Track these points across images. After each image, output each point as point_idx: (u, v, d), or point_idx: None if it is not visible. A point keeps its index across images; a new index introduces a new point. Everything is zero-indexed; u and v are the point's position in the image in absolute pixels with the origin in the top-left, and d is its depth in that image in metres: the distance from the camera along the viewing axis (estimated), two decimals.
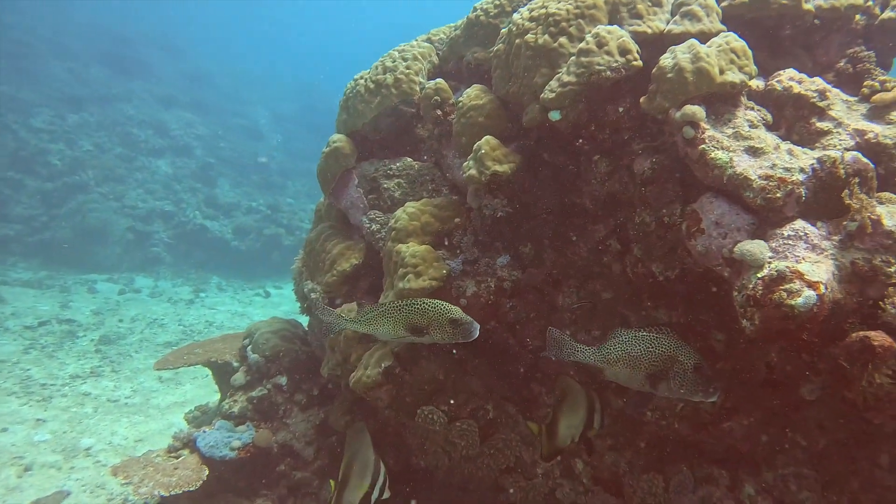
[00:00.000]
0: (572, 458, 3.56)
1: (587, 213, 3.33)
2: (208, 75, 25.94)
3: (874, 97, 2.68)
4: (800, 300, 2.12)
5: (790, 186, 2.36)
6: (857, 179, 2.34)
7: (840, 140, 2.58)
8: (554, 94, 2.86)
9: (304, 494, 4.40)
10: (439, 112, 3.65)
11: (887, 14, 3.03)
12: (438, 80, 3.71)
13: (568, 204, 3.36)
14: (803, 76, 2.76)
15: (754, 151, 2.50)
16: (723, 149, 2.51)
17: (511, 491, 3.65)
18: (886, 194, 2.46)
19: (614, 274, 3.31)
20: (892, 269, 2.26)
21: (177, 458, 4.48)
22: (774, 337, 2.26)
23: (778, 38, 2.98)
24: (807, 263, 2.21)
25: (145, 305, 11.83)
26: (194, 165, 17.96)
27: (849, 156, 2.37)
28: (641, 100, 2.79)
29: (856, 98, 2.79)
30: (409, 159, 3.96)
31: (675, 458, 3.18)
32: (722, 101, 2.66)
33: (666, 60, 2.65)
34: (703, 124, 2.55)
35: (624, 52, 2.78)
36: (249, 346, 4.85)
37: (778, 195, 2.36)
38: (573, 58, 2.86)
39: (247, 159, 20.50)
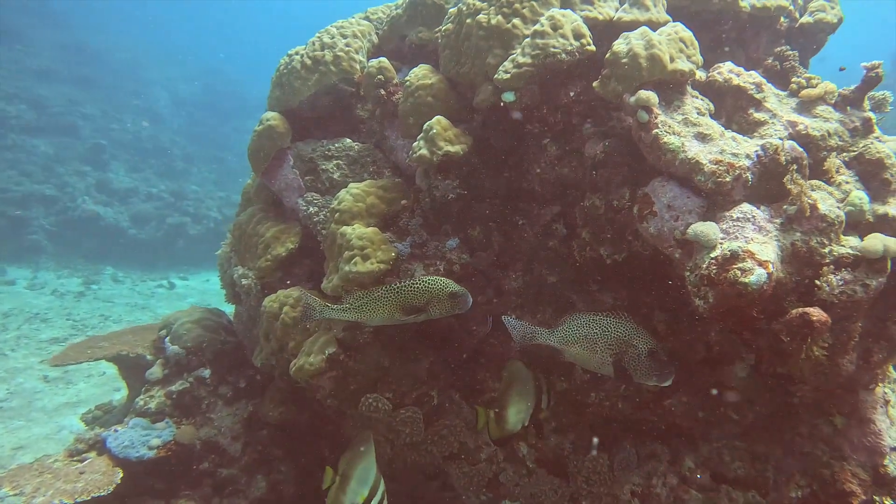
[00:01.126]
0: (516, 441, 3.58)
1: (534, 197, 3.35)
2: (98, 51, 23.91)
3: (802, 93, 2.87)
4: (752, 278, 2.23)
5: (738, 171, 2.48)
6: (794, 166, 2.49)
7: (775, 130, 2.75)
8: (509, 75, 2.84)
9: (230, 493, 4.16)
10: (382, 92, 3.54)
11: (806, 19, 3.26)
12: (381, 58, 3.60)
13: (515, 187, 3.36)
14: (741, 69, 2.92)
15: (703, 137, 2.60)
16: (674, 134, 2.59)
17: (455, 476, 3.64)
18: (815, 181, 2.65)
19: (560, 257, 3.35)
20: (827, 250, 2.44)
21: (81, 461, 4.10)
22: (726, 314, 2.37)
23: (716, 32, 3.12)
24: (756, 244, 2.33)
25: (22, 299, 10.76)
26: (81, 147, 16.53)
27: (787, 144, 2.52)
28: (594, 84, 2.83)
29: (785, 92, 2.98)
30: (349, 140, 3.82)
31: (619, 437, 3.28)
32: (671, 88, 2.75)
33: (620, 46, 2.70)
34: (655, 109, 2.62)
35: (578, 36, 2.81)
36: (168, 338, 4.51)
37: (727, 179, 2.47)
38: (528, 39, 2.86)
39: (146, 142, 19.15)
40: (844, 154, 2.73)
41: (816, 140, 2.71)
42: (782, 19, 3.23)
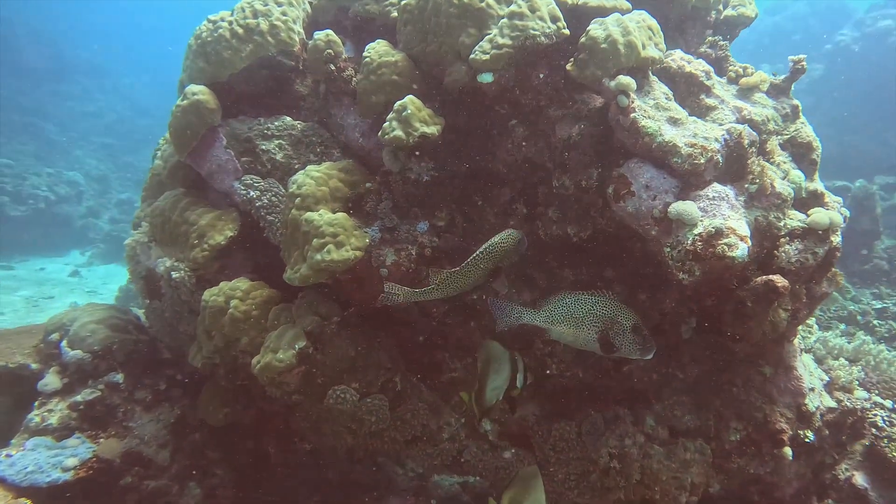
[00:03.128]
0: (476, 420, 3.65)
1: (495, 177, 3.37)
2: None
3: (741, 81, 3.18)
4: (738, 252, 2.46)
5: (710, 153, 2.70)
6: (754, 149, 2.77)
7: (724, 115, 3.02)
8: (488, 56, 2.81)
9: None
10: (332, 67, 3.32)
11: (729, 11, 3.59)
12: (328, 31, 3.37)
13: (476, 168, 3.35)
14: (690, 57, 3.15)
15: (674, 122, 2.79)
16: (650, 118, 2.75)
17: (417, 459, 3.63)
18: (763, 162, 2.97)
19: None
20: (782, 224, 2.76)
21: None
22: (710, 284, 2.59)
23: (661, 20, 3.32)
24: (733, 220, 2.58)
25: None
26: None
27: (746, 128, 2.80)
28: (569, 67, 2.90)
29: (724, 79, 3.28)
30: (289, 118, 3.55)
31: (581, 405, 3.47)
32: (639, 74, 2.90)
33: (597, 31, 2.78)
34: (632, 94, 2.76)
35: (554, 18, 2.85)
36: (64, 342, 3.94)
37: (701, 161, 2.69)
38: (504, 20, 2.84)
39: None
40: (778, 137, 3.08)
41: (758, 124, 3.02)
42: (713, 11, 3.53)
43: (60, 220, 13.66)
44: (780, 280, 2.62)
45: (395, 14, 3.37)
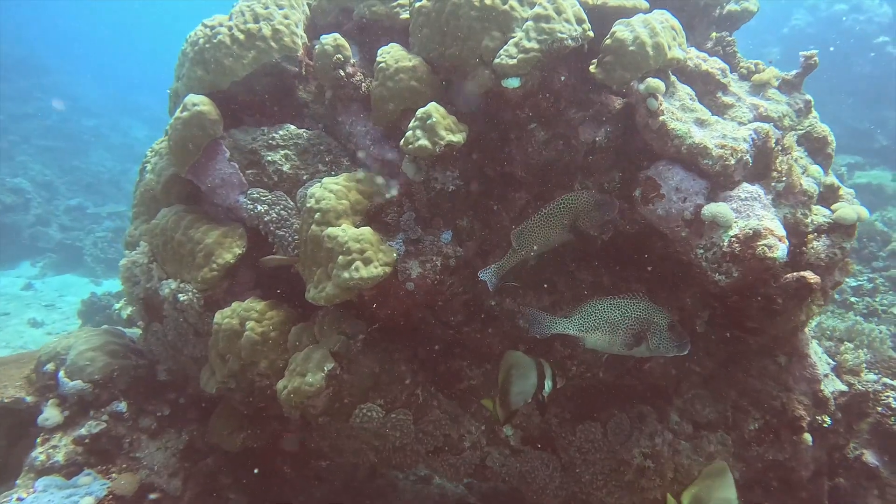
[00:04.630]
0: (499, 426, 3.62)
1: (511, 182, 3.32)
2: None
3: (754, 77, 3.21)
4: (779, 252, 2.49)
5: (740, 154, 2.71)
6: (779, 147, 2.80)
7: (742, 113, 3.05)
8: (515, 61, 2.74)
9: None
10: (342, 73, 3.19)
11: (733, 7, 3.62)
12: (335, 34, 3.23)
13: (493, 173, 3.29)
14: (705, 55, 3.16)
15: (701, 123, 2.80)
16: (678, 120, 2.74)
17: (440, 469, 3.58)
18: (789, 159, 3.01)
19: None
20: (809, 220, 2.81)
21: None
22: (749, 286, 2.62)
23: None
24: (768, 220, 2.60)
25: None
26: None
27: (771, 127, 2.82)
28: (594, 70, 2.86)
29: (735, 76, 3.30)
30: (293, 126, 3.40)
31: (605, 406, 3.48)
32: (662, 75, 2.89)
33: (624, 33, 2.75)
34: (660, 97, 2.74)
35: (580, 21, 2.80)
36: (62, 372, 3.71)
37: (732, 162, 2.70)
38: (530, 23, 2.77)
39: None
40: (793, 133, 3.13)
41: (776, 121, 3.06)
42: (718, 7, 3.54)
43: (8, 230, 12.93)
44: (812, 277, 2.67)
45: (404, 16, 3.26)
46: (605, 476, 3.38)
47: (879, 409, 3.75)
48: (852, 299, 6.39)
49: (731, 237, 2.59)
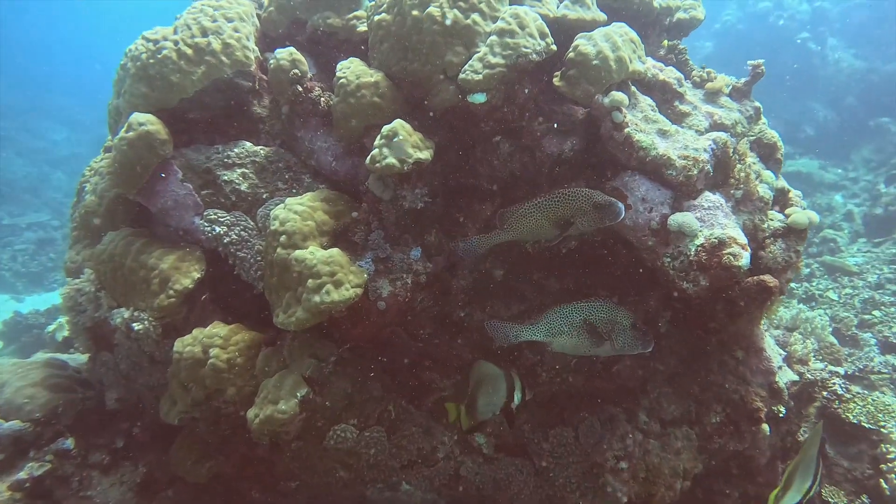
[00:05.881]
0: (472, 435, 3.62)
1: (475, 194, 3.31)
2: None
3: (707, 85, 3.31)
4: (743, 260, 2.59)
5: (701, 164, 2.79)
6: (736, 155, 2.90)
7: (698, 121, 3.14)
8: (481, 77, 2.72)
9: None
10: (300, 88, 3.09)
11: (681, 14, 3.71)
12: (290, 48, 3.11)
13: (457, 186, 3.27)
14: (661, 65, 3.23)
15: (664, 134, 2.86)
16: (642, 132, 2.80)
17: (415, 481, 3.57)
18: (746, 168, 3.12)
19: (503, 251, 3.40)
20: (766, 225, 2.92)
21: None
22: (716, 293, 2.71)
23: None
24: (731, 229, 2.69)
25: None
26: None
27: (728, 137, 2.92)
28: (557, 83, 2.87)
29: (690, 84, 3.39)
30: (249, 144, 3.27)
31: (576, 409, 3.54)
32: (624, 87, 2.93)
33: (587, 47, 2.77)
34: (625, 109, 2.79)
35: (543, 35, 2.81)
36: None
37: (694, 172, 2.78)
38: (494, 38, 2.75)
39: None
40: (745, 139, 3.25)
41: (729, 128, 3.17)
42: (669, 17, 3.63)
43: None
44: (771, 280, 2.79)
45: (361, 28, 3.18)
46: (577, 479, 3.45)
47: (825, 394, 3.99)
48: (792, 285, 6.76)
49: (698, 246, 2.67)
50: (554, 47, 2.85)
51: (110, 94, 3.57)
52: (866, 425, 3.77)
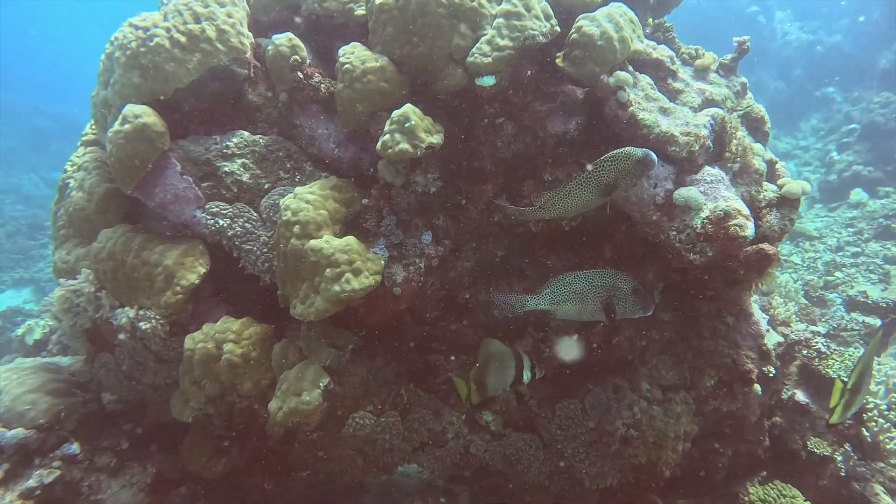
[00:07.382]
0: (479, 413, 3.70)
1: (478, 176, 3.34)
2: None
3: (696, 62, 3.41)
4: (749, 231, 2.71)
5: (702, 140, 2.89)
6: (733, 130, 3.02)
7: (692, 98, 3.24)
8: (490, 59, 2.74)
9: None
10: (300, 75, 3.04)
11: None
12: (288, 34, 3.06)
13: (460, 169, 3.29)
14: (653, 43, 3.31)
15: (664, 111, 2.95)
16: (645, 110, 2.87)
17: (427, 462, 3.63)
18: (743, 142, 3.24)
19: (504, 231, 3.45)
20: (762, 196, 3.06)
21: None
22: (721, 262, 2.83)
23: None
24: (733, 201, 2.81)
25: None
26: None
27: (725, 113, 3.03)
28: (561, 63, 2.91)
29: (679, 62, 3.49)
30: (247, 133, 3.20)
31: (581, 382, 3.65)
32: (624, 66, 3.00)
33: (591, 28, 2.82)
34: (628, 89, 2.85)
35: (547, 17, 2.84)
36: None
37: (696, 148, 2.88)
38: (501, 20, 2.77)
39: None
40: (735, 113, 3.38)
41: (720, 103, 3.28)
42: None
43: None
44: (770, 248, 2.93)
45: (359, 12, 3.14)
46: (586, 448, 3.57)
47: (805, 352, 4.22)
48: None
49: (704, 219, 2.78)
50: (558, 29, 2.88)
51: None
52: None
